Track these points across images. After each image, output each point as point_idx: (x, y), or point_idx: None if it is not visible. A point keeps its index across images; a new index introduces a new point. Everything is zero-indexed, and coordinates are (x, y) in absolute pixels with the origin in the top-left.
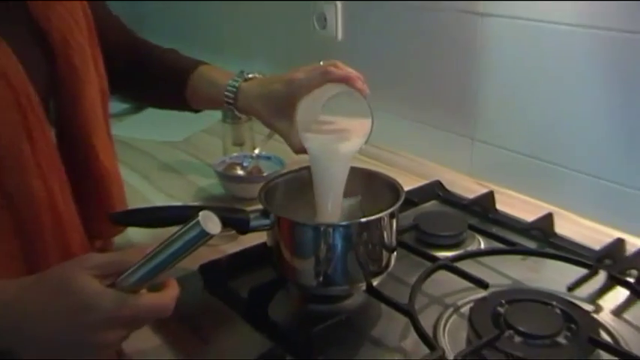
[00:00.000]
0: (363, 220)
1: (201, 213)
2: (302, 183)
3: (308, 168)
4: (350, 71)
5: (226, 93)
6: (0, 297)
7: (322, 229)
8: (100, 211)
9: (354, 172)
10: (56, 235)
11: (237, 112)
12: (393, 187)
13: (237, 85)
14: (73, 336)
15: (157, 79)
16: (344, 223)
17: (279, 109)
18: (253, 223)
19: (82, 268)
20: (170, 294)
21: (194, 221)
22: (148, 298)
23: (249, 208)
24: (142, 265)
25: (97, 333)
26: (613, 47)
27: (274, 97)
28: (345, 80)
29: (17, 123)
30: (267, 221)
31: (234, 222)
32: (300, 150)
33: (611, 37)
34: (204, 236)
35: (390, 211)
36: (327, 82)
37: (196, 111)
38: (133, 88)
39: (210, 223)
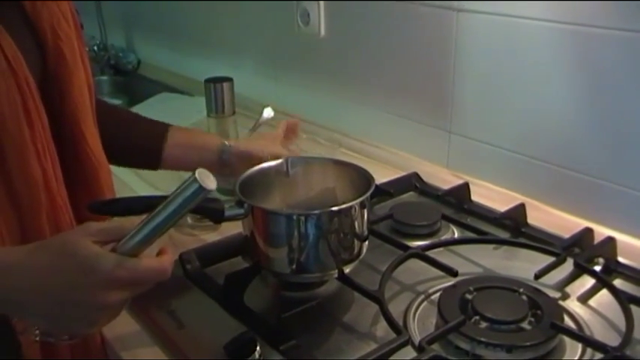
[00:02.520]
0: (335, 208)
1: (197, 170)
2: (277, 175)
3: (285, 160)
4: None
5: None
6: (3, 259)
7: (295, 217)
8: (89, 198)
9: (328, 163)
10: (49, 215)
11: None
12: (365, 177)
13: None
14: (74, 295)
15: (130, 143)
16: (315, 211)
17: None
18: (228, 213)
19: (83, 234)
20: (168, 259)
21: (191, 178)
22: (146, 261)
23: (225, 198)
24: (142, 228)
25: (98, 293)
26: (585, 42)
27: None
28: None
29: (18, 106)
30: (241, 211)
31: (210, 211)
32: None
33: (583, 32)
34: (200, 192)
35: (360, 200)
36: None
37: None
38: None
39: (207, 179)
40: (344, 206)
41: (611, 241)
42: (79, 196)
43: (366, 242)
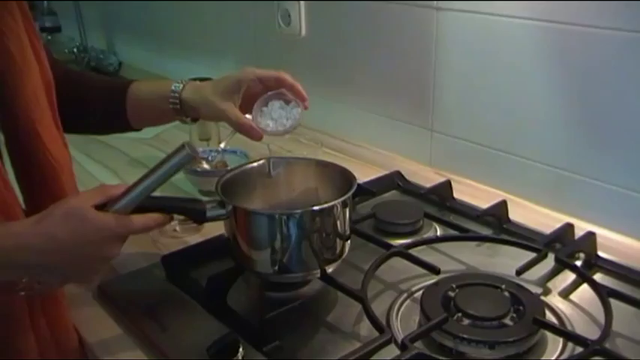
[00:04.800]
0: (316, 208)
1: (185, 142)
2: (259, 175)
3: (267, 161)
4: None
5: (173, 88)
6: (10, 229)
7: (276, 217)
8: (50, 200)
9: (310, 163)
10: None
11: (179, 115)
12: (347, 177)
13: (183, 82)
14: (86, 251)
15: (94, 105)
16: (297, 211)
17: (226, 91)
18: (210, 213)
19: (81, 201)
20: (152, 215)
21: (180, 146)
22: (138, 217)
23: (207, 199)
24: (131, 190)
25: (105, 247)
26: (565, 40)
27: (225, 79)
28: (295, 90)
29: None
30: (223, 211)
31: (191, 213)
32: (242, 125)
33: (563, 30)
34: (188, 158)
35: (341, 199)
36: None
37: (137, 129)
38: (71, 119)
39: (193, 149)
40: (325, 206)
41: (591, 235)
42: (39, 198)
43: (349, 241)
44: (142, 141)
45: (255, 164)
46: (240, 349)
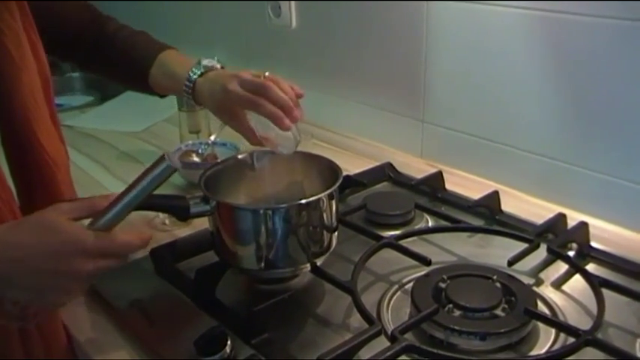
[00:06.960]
0: (302, 201)
1: (165, 152)
2: (243, 169)
3: (250, 154)
4: (282, 102)
5: (184, 87)
6: None
7: (261, 212)
8: (46, 198)
9: (295, 156)
10: None
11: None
12: (333, 169)
13: (193, 79)
14: (55, 265)
15: (121, 63)
16: (283, 205)
17: (224, 109)
18: (194, 210)
19: (58, 213)
20: (143, 235)
21: (160, 158)
22: (122, 234)
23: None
24: (114, 206)
25: (76, 262)
26: (557, 29)
27: (217, 98)
28: (272, 118)
29: None
30: (207, 207)
31: (175, 210)
32: (256, 142)
33: (555, 19)
34: (168, 170)
35: (328, 192)
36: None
37: (162, 96)
38: (99, 66)
39: (174, 159)
40: (311, 199)
41: (583, 225)
42: (34, 196)
43: (336, 233)
44: (133, 135)
45: (238, 157)
46: (228, 342)
